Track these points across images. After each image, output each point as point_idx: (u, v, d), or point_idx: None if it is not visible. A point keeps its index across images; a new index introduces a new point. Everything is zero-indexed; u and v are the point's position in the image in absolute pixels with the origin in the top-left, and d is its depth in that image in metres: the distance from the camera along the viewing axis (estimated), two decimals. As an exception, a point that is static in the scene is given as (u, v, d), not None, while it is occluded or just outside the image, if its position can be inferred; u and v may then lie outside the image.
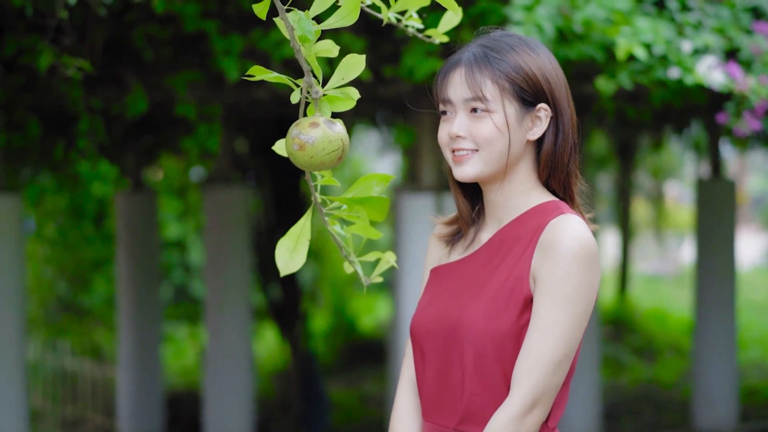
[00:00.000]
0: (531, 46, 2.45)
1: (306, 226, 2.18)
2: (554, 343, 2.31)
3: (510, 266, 2.40)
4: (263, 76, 2.06)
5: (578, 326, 2.33)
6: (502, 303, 2.37)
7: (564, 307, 2.31)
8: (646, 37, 4.71)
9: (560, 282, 2.31)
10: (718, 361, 8.74)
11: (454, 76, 2.43)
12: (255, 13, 2.05)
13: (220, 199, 8.22)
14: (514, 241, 2.42)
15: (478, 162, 2.41)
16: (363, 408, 10.40)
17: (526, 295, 2.35)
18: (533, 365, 2.31)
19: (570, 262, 2.31)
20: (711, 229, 8.94)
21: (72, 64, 4.34)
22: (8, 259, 6.25)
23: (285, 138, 2.10)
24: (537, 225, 2.40)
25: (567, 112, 2.46)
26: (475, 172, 2.42)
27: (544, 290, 2.32)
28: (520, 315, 2.35)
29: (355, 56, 2.08)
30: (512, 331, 2.35)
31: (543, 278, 2.33)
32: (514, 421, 2.31)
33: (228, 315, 8.22)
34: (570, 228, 2.34)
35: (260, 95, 6.11)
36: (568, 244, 2.32)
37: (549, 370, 2.31)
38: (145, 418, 8.85)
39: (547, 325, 2.31)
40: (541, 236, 2.37)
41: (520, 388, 2.31)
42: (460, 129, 2.41)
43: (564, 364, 2.32)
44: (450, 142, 2.44)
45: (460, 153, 2.42)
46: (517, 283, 2.37)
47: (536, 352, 2.31)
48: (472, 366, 2.38)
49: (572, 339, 2.32)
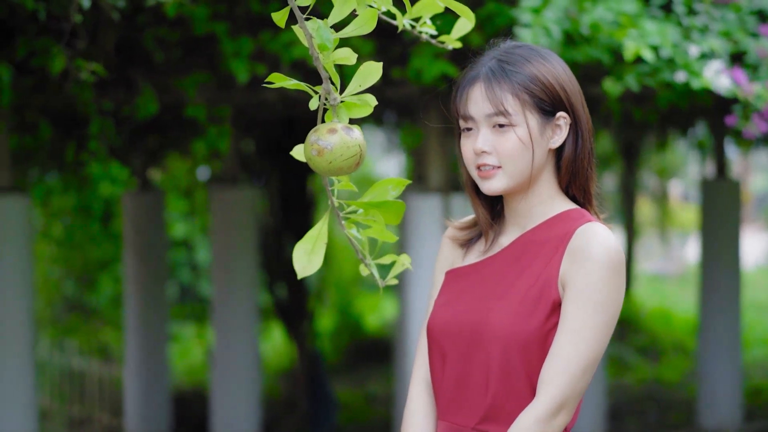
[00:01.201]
0: (543, 55, 2.49)
1: (323, 229, 2.22)
2: (584, 348, 2.35)
3: (537, 270, 2.44)
4: (282, 84, 2.10)
5: (606, 331, 2.38)
6: (529, 306, 2.41)
7: (593, 313, 2.36)
8: (654, 39, 4.74)
9: (590, 288, 2.36)
10: (722, 360, 8.77)
11: (474, 92, 2.46)
12: (274, 21, 2.10)
13: (227, 199, 8.27)
14: (540, 246, 2.46)
15: (504, 177, 2.45)
16: (369, 407, 10.43)
17: (554, 299, 2.40)
18: (562, 368, 2.35)
19: (600, 268, 2.36)
20: (716, 229, 8.97)
21: (85, 67, 4.38)
22: (17, 258, 6.29)
23: (303, 143, 2.14)
24: (564, 232, 2.44)
25: (584, 117, 2.50)
26: (502, 186, 2.46)
27: (574, 296, 2.37)
28: (548, 318, 2.39)
29: (372, 63, 2.12)
30: (539, 333, 2.39)
31: (573, 284, 2.38)
32: (540, 423, 2.34)
33: (235, 314, 8.26)
34: (599, 235, 2.39)
35: (269, 97, 6.15)
36: (599, 251, 2.37)
37: (577, 374, 2.35)
38: (152, 417, 8.89)
39: (576, 329, 2.36)
40: (569, 243, 2.41)
41: (548, 390, 2.35)
42: (484, 144, 2.44)
43: (591, 369, 2.37)
44: (475, 158, 2.47)
45: (486, 168, 2.45)
46: (545, 287, 2.41)
47: (566, 356, 2.35)
48: (497, 366, 2.41)
49: (600, 344, 2.37)
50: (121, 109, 5.86)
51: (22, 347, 6.30)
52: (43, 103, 5.84)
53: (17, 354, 6.28)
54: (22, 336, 6.31)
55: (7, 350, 6.26)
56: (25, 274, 6.32)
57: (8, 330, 6.26)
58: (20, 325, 6.29)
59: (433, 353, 2.55)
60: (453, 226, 2.68)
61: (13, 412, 6.27)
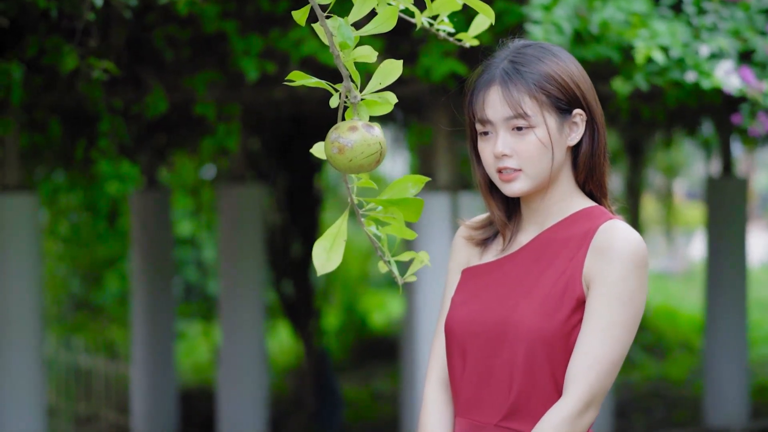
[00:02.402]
0: (555, 53, 2.50)
1: (343, 226, 2.23)
2: (612, 344, 2.37)
3: (561, 268, 2.45)
4: (303, 82, 2.11)
5: (632, 327, 2.40)
6: (554, 302, 2.41)
7: (620, 309, 2.38)
8: (664, 40, 4.75)
9: (616, 284, 2.38)
10: (728, 358, 8.77)
11: (490, 96, 2.46)
12: (295, 19, 2.10)
13: (234, 197, 8.28)
14: (562, 244, 2.47)
15: (526, 179, 2.46)
16: (375, 405, 10.45)
17: (579, 296, 2.41)
18: (591, 365, 2.36)
19: (625, 264, 2.38)
20: (722, 227, 8.98)
21: (98, 65, 4.39)
22: (26, 256, 6.30)
23: (324, 141, 2.14)
24: (586, 229, 2.46)
25: (597, 111, 2.52)
26: (525, 188, 2.47)
27: (600, 293, 2.39)
28: (572, 314, 2.41)
29: (392, 61, 2.13)
30: (563, 330, 2.40)
31: (598, 281, 2.39)
32: (568, 421, 2.35)
33: (242, 312, 8.27)
34: (623, 232, 2.41)
35: (277, 95, 6.16)
36: (623, 247, 2.39)
37: (605, 371, 2.37)
38: (158, 414, 8.90)
39: (603, 326, 2.37)
40: (593, 240, 2.43)
41: (576, 388, 2.36)
42: (504, 147, 2.45)
43: (618, 365, 2.39)
44: (495, 162, 2.47)
45: (507, 172, 2.46)
46: (569, 284, 2.42)
47: (594, 353, 2.36)
48: (522, 363, 2.42)
49: (627, 340, 2.39)
50: (130, 107, 5.87)
51: (30, 345, 6.31)
52: (53, 101, 5.85)
53: (26, 352, 6.30)
54: (31, 334, 6.32)
55: (16, 348, 6.28)
56: (34, 273, 6.34)
57: (17, 328, 6.27)
58: (29, 324, 6.31)
59: (452, 351, 2.55)
60: (467, 226, 2.68)
61: (21, 409, 6.28)
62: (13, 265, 6.26)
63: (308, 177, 9.59)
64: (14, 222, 6.25)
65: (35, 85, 5.37)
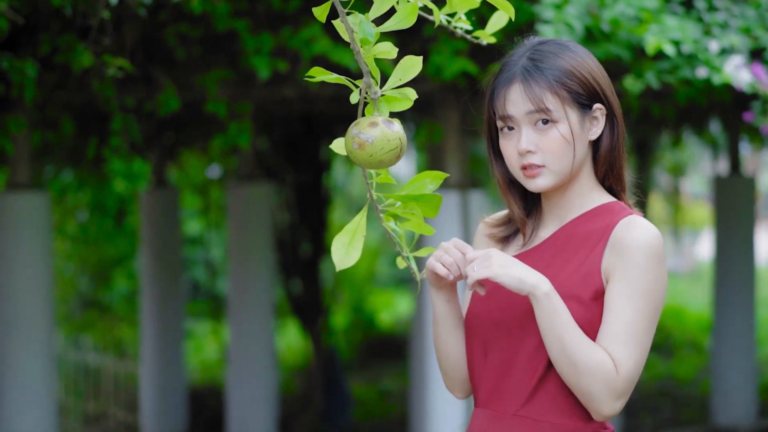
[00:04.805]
0: (572, 48, 2.52)
1: (362, 222, 2.25)
2: (638, 338, 2.40)
3: (580, 261, 2.47)
4: (323, 78, 2.13)
5: (654, 319, 2.42)
6: (574, 294, 2.44)
7: (641, 302, 2.40)
8: (675, 35, 4.75)
9: (638, 279, 2.40)
10: (736, 357, 8.78)
11: (512, 92, 2.48)
12: (315, 15, 2.12)
13: (243, 196, 8.29)
14: (582, 238, 2.50)
15: (550, 174, 2.48)
16: (384, 404, 10.46)
17: (598, 288, 2.43)
18: (631, 352, 2.39)
19: (643, 258, 2.40)
20: (730, 226, 8.99)
21: (113, 63, 4.41)
22: (38, 256, 6.31)
23: (344, 137, 2.16)
24: (606, 224, 2.48)
25: (615, 104, 2.54)
26: (549, 184, 2.49)
27: (620, 287, 2.41)
28: (591, 305, 2.43)
29: (413, 58, 2.14)
30: (585, 318, 2.42)
31: (618, 276, 2.41)
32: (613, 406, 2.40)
33: (251, 311, 8.28)
34: (641, 226, 2.44)
35: (288, 93, 6.17)
36: (641, 241, 2.41)
37: (639, 363, 2.41)
38: (167, 413, 8.92)
39: (626, 320, 2.39)
40: (612, 235, 2.45)
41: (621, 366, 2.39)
42: (528, 144, 2.46)
43: (645, 356, 2.42)
44: (519, 159, 2.49)
45: (531, 168, 2.48)
46: (587, 275, 2.44)
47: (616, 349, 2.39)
48: (542, 354, 2.44)
49: (650, 332, 2.42)
50: (142, 105, 5.89)
51: (41, 344, 6.32)
52: (64, 99, 5.87)
53: (37, 351, 6.31)
54: (42, 333, 6.33)
55: (27, 347, 6.28)
56: (45, 271, 6.34)
57: (28, 326, 6.28)
58: (40, 322, 6.31)
59: (473, 343, 2.57)
60: (487, 223, 2.70)
61: (33, 408, 6.29)
62: (24, 263, 6.27)
63: (317, 176, 9.60)
64: (25, 220, 6.25)
65: (47, 84, 5.38)
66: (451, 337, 2.59)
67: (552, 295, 2.37)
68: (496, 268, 2.37)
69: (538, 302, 2.38)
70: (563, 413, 2.45)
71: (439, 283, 2.52)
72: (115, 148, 5.52)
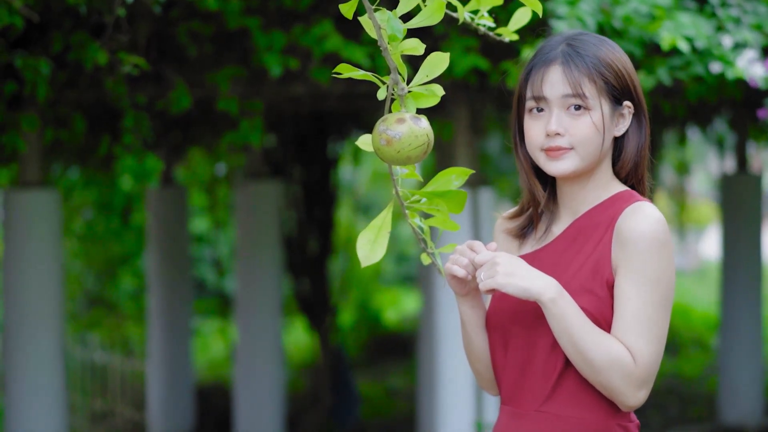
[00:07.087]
0: (608, 42, 2.54)
1: (387, 218, 2.25)
2: (650, 326, 2.40)
3: (588, 252, 2.48)
4: (350, 74, 2.13)
5: (666, 306, 2.42)
6: (587, 284, 2.44)
7: (650, 290, 2.40)
8: (688, 31, 4.75)
9: (643, 266, 2.40)
10: (743, 355, 8.78)
11: (550, 73, 2.48)
12: (342, 12, 2.12)
13: (251, 193, 8.30)
14: (592, 229, 2.50)
15: (575, 158, 2.48)
16: (391, 402, 10.47)
17: (608, 278, 2.44)
18: (646, 341, 2.39)
19: (648, 246, 2.40)
20: (737, 224, 8.98)
21: (128, 61, 4.41)
22: (48, 253, 6.31)
23: (371, 133, 2.16)
24: (613, 213, 2.48)
25: (644, 106, 2.54)
26: (572, 168, 2.49)
27: (628, 277, 2.41)
28: (603, 294, 2.43)
29: (439, 54, 2.15)
30: (598, 308, 2.43)
31: (625, 264, 2.41)
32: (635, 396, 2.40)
33: (258, 309, 8.29)
34: (643, 213, 2.43)
35: (298, 91, 6.17)
36: (646, 228, 2.41)
37: (656, 351, 2.40)
38: (175, 411, 8.93)
39: (636, 308, 2.39)
40: (617, 223, 2.45)
41: (639, 356, 2.39)
42: (559, 126, 2.47)
43: (663, 344, 2.42)
44: (544, 140, 2.49)
45: (557, 150, 2.47)
46: (596, 265, 2.45)
47: (630, 338, 2.38)
48: (559, 348, 2.45)
49: (665, 319, 2.41)
50: (154, 103, 5.89)
51: (51, 342, 6.32)
52: (75, 97, 5.87)
53: (46, 349, 6.31)
54: (52, 331, 6.33)
55: (38, 346, 6.28)
56: (55, 269, 6.34)
57: (38, 324, 6.28)
58: (50, 320, 6.31)
59: (494, 341, 2.57)
60: (503, 218, 2.71)
61: (42, 407, 6.29)
62: (34, 261, 6.27)
63: (325, 173, 9.60)
64: (35, 218, 6.26)
65: (59, 81, 5.38)
66: (479, 339, 2.60)
67: (558, 299, 2.38)
68: (500, 279, 2.39)
69: (545, 308, 2.40)
70: (585, 408, 2.45)
71: (462, 289, 2.53)
72: (127, 145, 5.52)
